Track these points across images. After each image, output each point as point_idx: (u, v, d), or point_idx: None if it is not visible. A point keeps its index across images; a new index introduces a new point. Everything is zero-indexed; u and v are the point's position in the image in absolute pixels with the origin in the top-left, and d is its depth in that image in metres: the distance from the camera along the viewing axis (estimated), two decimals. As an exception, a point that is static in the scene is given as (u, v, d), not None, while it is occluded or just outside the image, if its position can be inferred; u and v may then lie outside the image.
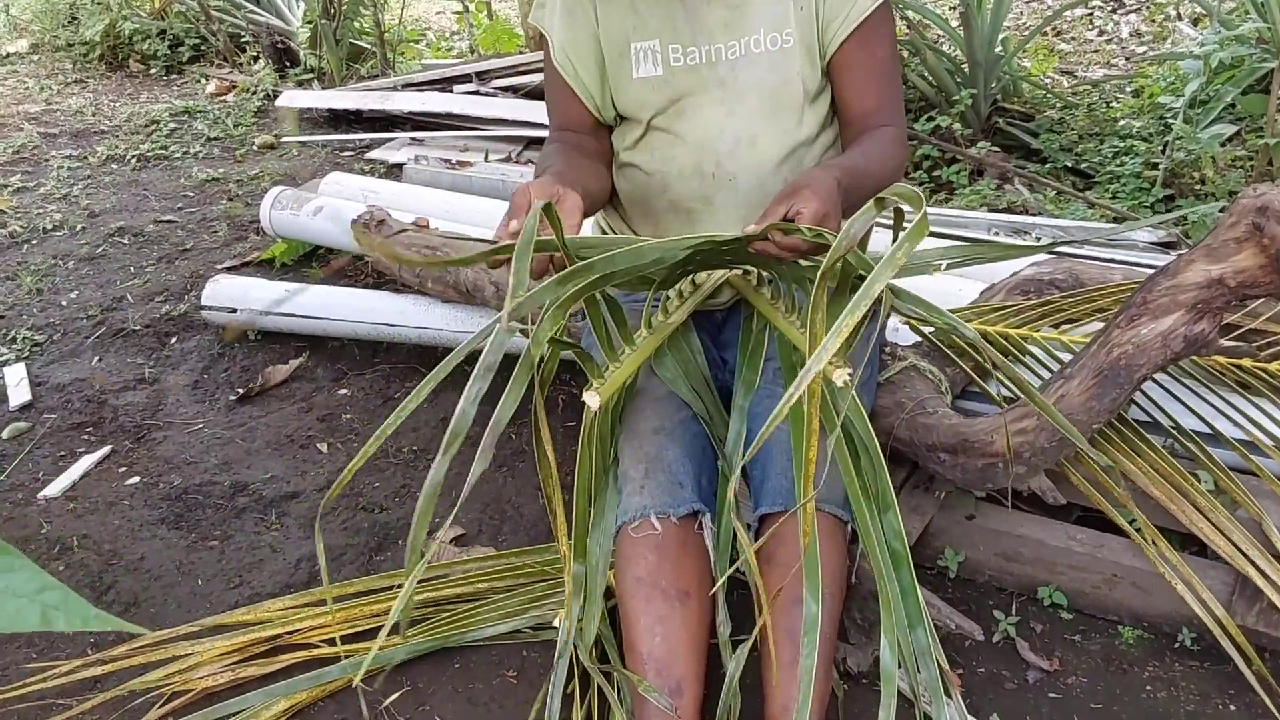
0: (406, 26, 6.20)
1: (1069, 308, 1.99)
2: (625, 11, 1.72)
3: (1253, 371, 1.88)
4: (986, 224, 2.88)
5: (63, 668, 1.79)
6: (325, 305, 2.75)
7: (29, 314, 3.13)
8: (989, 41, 3.79)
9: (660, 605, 1.51)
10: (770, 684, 1.48)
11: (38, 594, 0.61)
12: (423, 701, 1.71)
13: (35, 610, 0.61)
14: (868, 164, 1.61)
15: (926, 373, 1.90)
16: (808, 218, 1.40)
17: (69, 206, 4.00)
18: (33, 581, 0.62)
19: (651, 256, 1.41)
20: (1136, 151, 3.47)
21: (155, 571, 2.04)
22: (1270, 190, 1.49)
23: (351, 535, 2.12)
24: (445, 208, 3.14)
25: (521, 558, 1.97)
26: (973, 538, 1.85)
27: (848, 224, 1.21)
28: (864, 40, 1.68)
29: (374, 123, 4.71)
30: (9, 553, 0.62)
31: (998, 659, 1.73)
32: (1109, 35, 5.22)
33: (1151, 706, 1.63)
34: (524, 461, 2.33)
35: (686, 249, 1.44)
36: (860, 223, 1.21)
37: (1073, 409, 1.63)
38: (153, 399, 2.67)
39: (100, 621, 0.61)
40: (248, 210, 3.83)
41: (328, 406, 2.58)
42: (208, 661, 1.77)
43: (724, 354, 1.85)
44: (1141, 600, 1.74)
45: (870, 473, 1.43)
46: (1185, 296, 1.56)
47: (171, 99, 5.49)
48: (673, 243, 1.43)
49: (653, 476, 1.59)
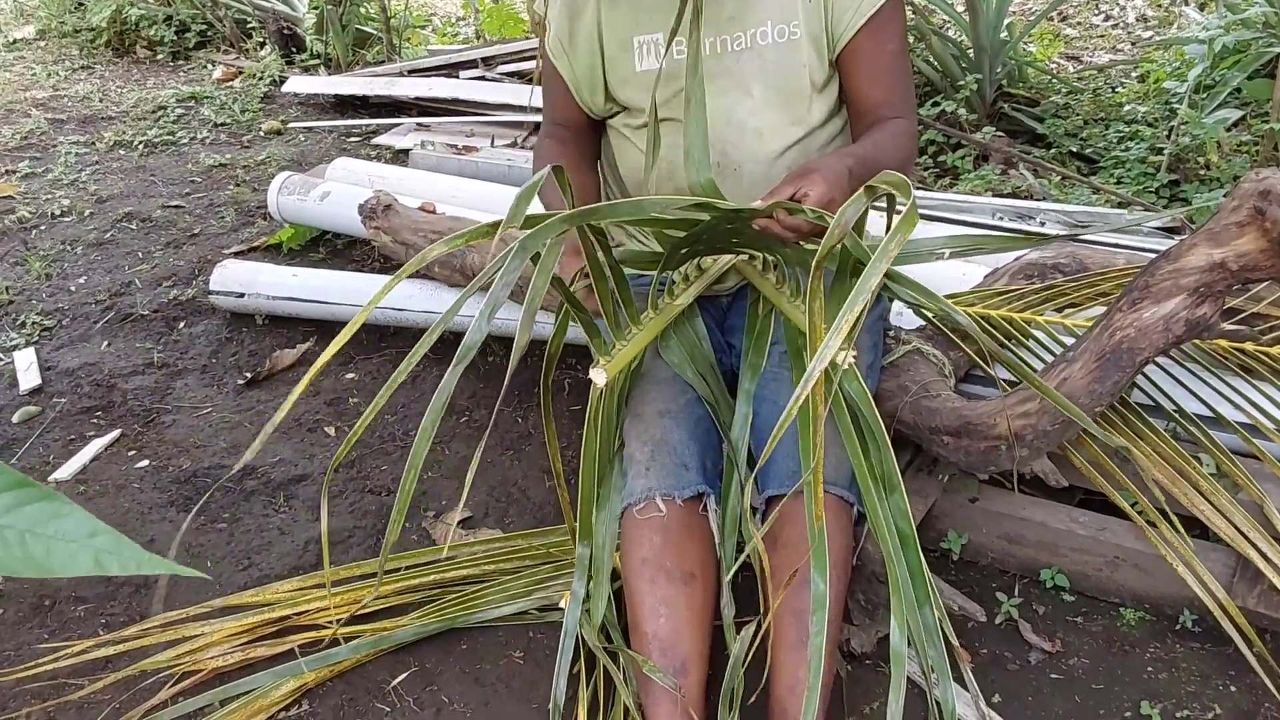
0: (412, 12, 6.20)
1: (1072, 292, 2.00)
2: (630, 5, 1.72)
3: (1255, 355, 1.89)
4: (991, 209, 2.88)
5: (74, 648, 1.81)
6: (333, 290, 2.77)
7: (38, 299, 3.15)
8: (994, 26, 3.79)
9: (665, 586, 1.53)
10: (776, 664, 1.50)
11: (90, 538, 0.63)
12: (430, 682, 1.73)
13: (88, 555, 0.62)
14: (878, 154, 1.62)
15: (930, 356, 1.91)
16: (813, 200, 1.41)
17: (77, 192, 4.01)
18: (84, 526, 0.63)
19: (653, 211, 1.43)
20: (1142, 137, 3.46)
21: (165, 553, 2.05)
22: (1272, 174, 1.49)
23: (359, 518, 2.14)
24: (452, 192, 3.15)
25: (528, 540, 1.99)
26: (975, 520, 1.86)
27: (839, 212, 1.22)
28: (875, 33, 1.69)
29: (380, 108, 4.72)
30: (58, 499, 0.64)
31: (1000, 640, 1.75)
32: (1115, 20, 5.20)
33: (1153, 687, 1.64)
34: (530, 444, 2.34)
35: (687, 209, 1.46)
36: (852, 210, 1.22)
37: (1075, 392, 1.64)
38: (162, 383, 2.68)
39: (151, 565, 0.63)
40: (255, 195, 3.84)
41: (335, 390, 2.60)
42: (217, 642, 1.79)
43: (729, 339, 1.86)
44: (1143, 582, 1.75)
45: (876, 455, 1.45)
46: (1187, 280, 1.57)
47: (178, 85, 5.49)
48: (676, 200, 1.45)
49: (658, 459, 1.61)
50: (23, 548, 0.62)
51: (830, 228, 1.20)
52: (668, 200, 1.47)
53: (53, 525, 0.63)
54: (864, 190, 1.27)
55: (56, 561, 0.62)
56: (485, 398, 2.51)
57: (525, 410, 2.46)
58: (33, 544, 0.62)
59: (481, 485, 2.22)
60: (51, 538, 0.62)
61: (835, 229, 1.20)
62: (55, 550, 0.62)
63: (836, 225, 1.20)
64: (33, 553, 0.62)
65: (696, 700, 1.49)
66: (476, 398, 2.51)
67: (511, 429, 2.40)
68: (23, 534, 0.62)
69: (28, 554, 0.62)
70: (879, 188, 1.28)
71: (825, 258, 1.22)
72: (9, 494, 0.63)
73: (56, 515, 0.63)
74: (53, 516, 0.63)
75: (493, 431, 2.40)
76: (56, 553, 0.62)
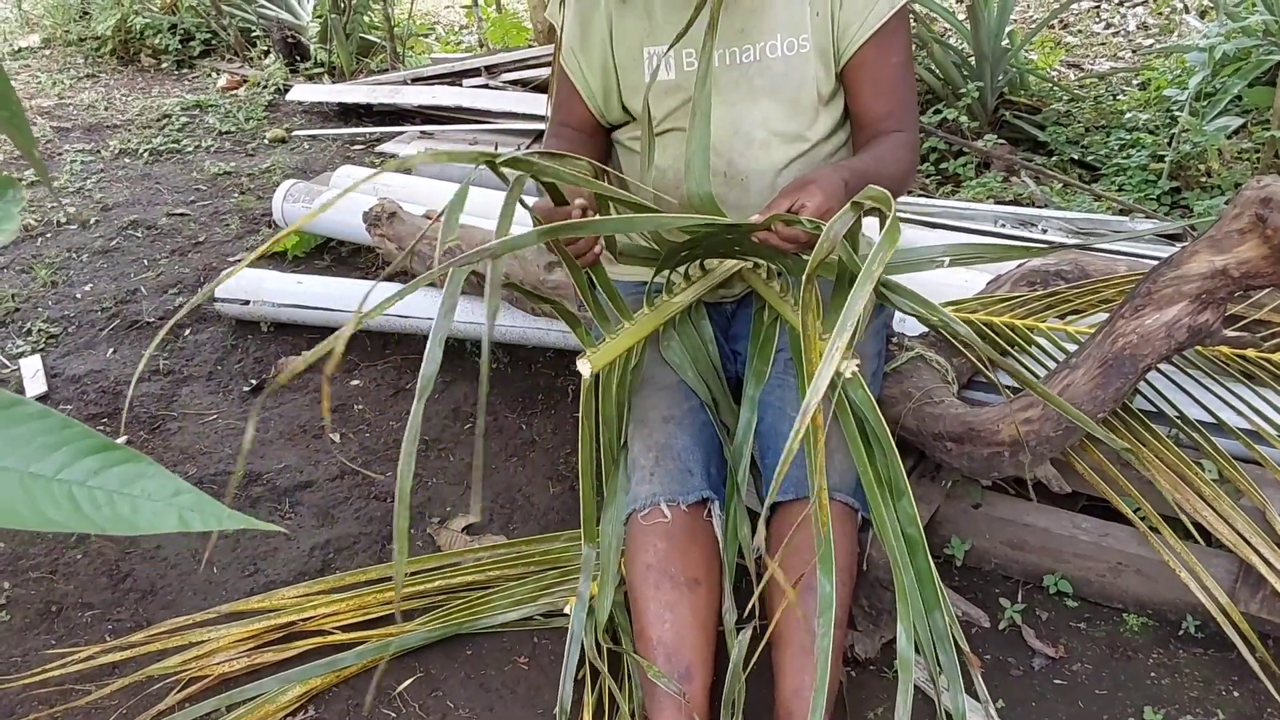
0: (416, 21, 6.22)
1: (1075, 299, 2.01)
2: (641, 17, 1.74)
3: (1257, 361, 1.90)
4: (993, 216, 2.90)
5: (82, 653, 1.82)
6: (337, 297, 2.78)
7: (44, 307, 3.16)
8: (995, 35, 3.80)
9: (669, 592, 1.53)
10: (781, 668, 1.50)
11: (173, 498, 0.65)
12: (435, 688, 1.74)
13: (172, 513, 0.65)
14: (878, 167, 1.63)
15: (933, 362, 1.92)
16: (810, 211, 1.42)
17: (82, 200, 4.02)
18: (167, 486, 0.66)
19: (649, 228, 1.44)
20: (1143, 144, 3.47)
21: (171, 559, 2.07)
22: (1273, 182, 1.50)
23: (365, 524, 2.15)
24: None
25: (532, 546, 2.00)
26: (979, 526, 1.86)
27: (828, 226, 1.23)
28: (880, 46, 1.70)
29: (384, 116, 4.73)
30: (143, 460, 0.66)
31: (1004, 646, 1.75)
32: (1116, 28, 5.22)
33: (1156, 693, 1.65)
34: (534, 451, 2.35)
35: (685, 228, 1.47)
36: (840, 224, 1.23)
37: (1078, 398, 1.64)
38: (167, 390, 2.69)
39: (232, 521, 0.65)
40: (260, 203, 3.85)
41: (340, 397, 2.60)
42: (224, 648, 1.80)
43: (734, 346, 1.87)
44: (1146, 588, 1.76)
45: (882, 461, 1.45)
46: (1189, 287, 1.58)
47: (183, 93, 5.51)
48: (672, 218, 1.46)
49: (662, 464, 1.62)
50: (112, 507, 0.65)
51: (819, 241, 1.21)
52: (663, 219, 1.47)
53: (138, 485, 0.66)
54: (850, 205, 1.27)
55: (144, 519, 0.65)
56: (489, 404, 2.52)
57: (529, 417, 2.47)
58: (120, 504, 0.65)
59: (486, 491, 2.23)
60: (138, 497, 0.65)
61: (823, 242, 1.21)
62: (141, 509, 0.65)
63: (825, 239, 1.21)
64: (120, 511, 0.65)
65: (701, 705, 1.49)
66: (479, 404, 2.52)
67: (516, 435, 2.41)
68: (111, 494, 0.65)
69: (117, 513, 0.65)
70: (865, 203, 1.29)
71: (815, 271, 1.23)
72: (95, 456, 0.66)
73: (141, 476, 0.66)
74: (138, 477, 0.66)
75: (497, 438, 2.41)
76: (143, 511, 0.65)
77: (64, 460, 0.65)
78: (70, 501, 0.64)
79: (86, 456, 0.66)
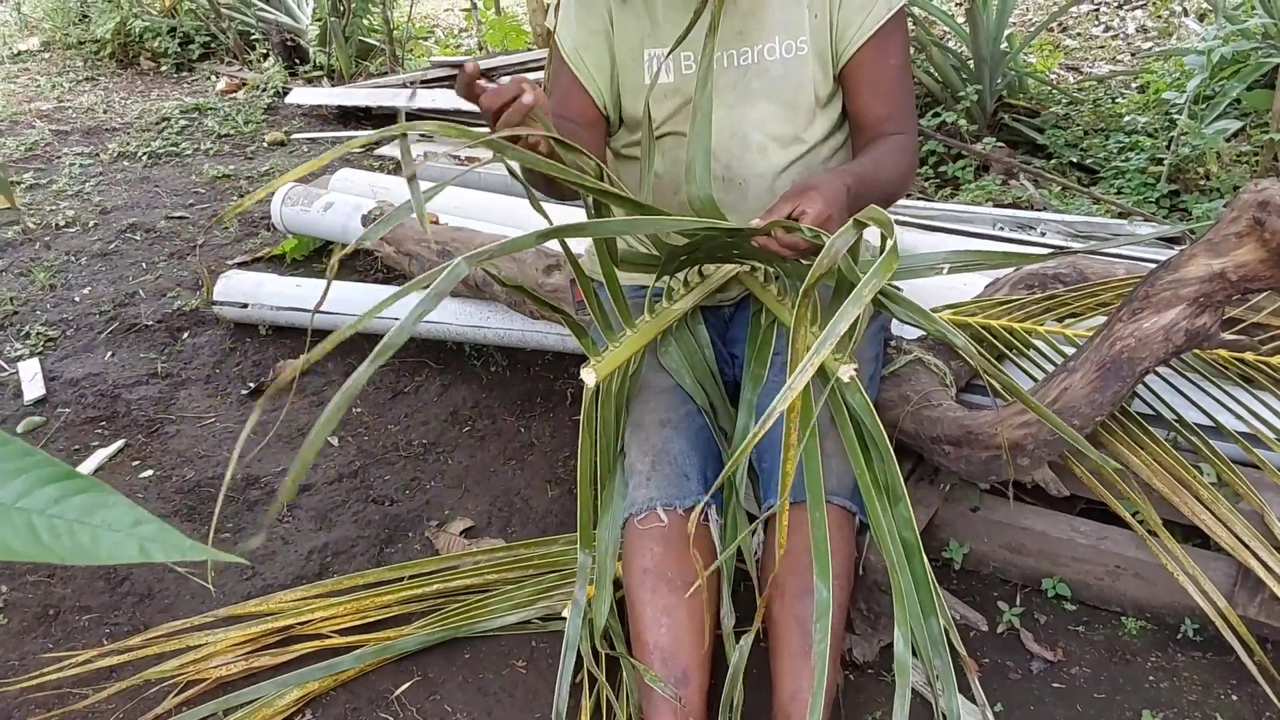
0: (415, 24, 6.22)
1: (1073, 302, 2.01)
2: (641, 19, 1.73)
3: (1255, 365, 1.90)
4: (991, 219, 2.90)
5: (79, 657, 1.81)
6: (335, 300, 2.77)
7: (43, 310, 3.16)
8: (994, 38, 3.80)
9: (666, 596, 1.53)
10: (779, 672, 1.50)
11: (134, 528, 0.65)
12: (433, 691, 1.74)
13: (133, 543, 0.65)
14: (878, 171, 1.63)
15: (931, 366, 1.92)
16: (810, 218, 1.42)
17: (81, 203, 4.03)
18: (127, 516, 0.65)
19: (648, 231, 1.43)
20: (1142, 147, 3.47)
21: (169, 564, 2.07)
22: (1271, 185, 1.50)
23: (362, 527, 2.15)
24: (454, 203, 3.16)
25: (530, 549, 1.99)
26: (977, 530, 1.86)
27: (830, 241, 1.22)
28: (878, 48, 1.70)
29: (383, 119, 4.74)
30: (103, 489, 0.66)
31: (1002, 650, 1.75)
32: (1115, 31, 5.22)
33: (1154, 696, 1.65)
34: (533, 454, 2.35)
35: (686, 231, 1.47)
36: (840, 241, 1.23)
37: (1076, 402, 1.64)
38: (165, 393, 2.69)
39: (194, 552, 0.65)
40: (258, 206, 3.85)
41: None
42: (221, 651, 1.80)
43: (732, 350, 1.87)
44: (1144, 591, 1.76)
45: (880, 465, 1.45)
46: (1187, 290, 1.58)
47: (182, 96, 5.51)
48: (674, 221, 1.46)
49: (659, 469, 1.61)
50: (71, 537, 0.64)
51: (819, 258, 1.21)
52: (666, 222, 1.47)
53: (99, 515, 0.65)
54: (852, 223, 1.27)
55: (104, 550, 0.64)
56: (488, 407, 2.52)
57: (528, 420, 2.47)
58: (80, 533, 0.64)
59: (484, 495, 2.23)
60: (98, 527, 0.65)
61: (824, 259, 1.21)
62: (102, 539, 0.64)
63: (825, 255, 1.21)
64: (80, 541, 0.64)
65: (698, 710, 1.49)
66: (479, 407, 2.52)
67: (514, 439, 2.41)
68: (71, 524, 0.65)
69: (76, 542, 0.64)
70: (866, 221, 1.29)
71: (813, 287, 1.23)
72: (56, 485, 0.66)
73: (102, 505, 0.66)
74: (98, 506, 0.65)
75: (495, 441, 2.40)
76: (103, 541, 0.64)
77: (23, 488, 0.65)
78: (30, 530, 0.64)
79: (47, 485, 0.66)
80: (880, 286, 1.13)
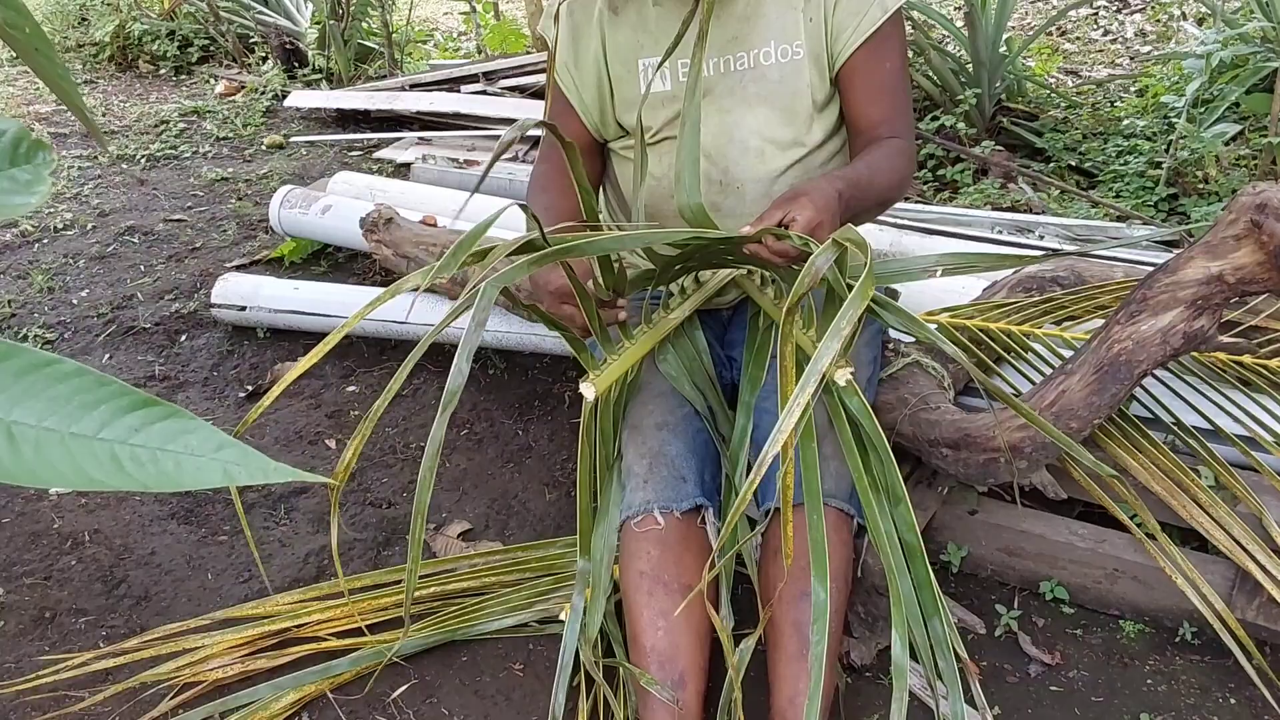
0: (414, 27, 6.23)
1: (1071, 305, 2.00)
2: (635, 29, 1.73)
3: (1253, 368, 1.90)
4: (990, 223, 2.89)
5: (75, 660, 1.81)
6: (334, 303, 2.77)
7: (40, 312, 3.16)
8: (993, 41, 3.81)
9: (663, 599, 1.53)
10: (776, 675, 1.50)
11: (217, 452, 0.64)
12: (430, 694, 1.73)
13: (217, 468, 0.63)
14: (872, 175, 1.63)
15: (929, 369, 1.91)
16: (800, 225, 1.42)
17: (79, 206, 4.02)
18: (210, 441, 0.64)
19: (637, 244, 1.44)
20: (1140, 151, 3.47)
21: (166, 566, 2.07)
22: (1269, 188, 1.50)
23: (360, 530, 2.14)
24: (453, 206, 3.16)
25: (528, 552, 1.99)
26: (975, 533, 1.86)
27: (810, 260, 1.23)
28: (873, 51, 1.70)
29: (382, 122, 4.73)
30: (183, 415, 0.65)
31: (1000, 653, 1.75)
32: (1114, 35, 5.22)
33: (1152, 700, 1.64)
34: (531, 457, 2.34)
35: (676, 242, 1.47)
36: (822, 260, 1.23)
37: (1073, 404, 1.64)
38: (163, 396, 2.68)
39: (279, 474, 0.64)
40: (256, 209, 3.85)
41: (336, 403, 2.60)
42: (218, 654, 1.79)
43: (730, 353, 1.87)
44: (1142, 594, 1.76)
45: (879, 468, 1.45)
46: (1185, 293, 1.58)
47: (181, 99, 5.51)
48: (663, 234, 1.46)
49: (656, 471, 1.61)
50: (155, 464, 0.63)
51: (800, 275, 1.21)
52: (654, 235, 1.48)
53: (181, 440, 0.64)
54: (831, 243, 1.27)
55: (187, 475, 0.63)
56: (486, 410, 2.52)
57: (525, 423, 2.46)
58: (164, 460, 0.63)
59: (481, 497, 2.22)
60: (181, 453, 0.64)
61: (804, 277, 1.21)
62: (185, 465, 0.63)
63: (806, 274, 1.21)
64: (165, 468, 0.63)
65: (695, 713, 1.49)
66: (477, 410, 2.52)
67: (512, 441, 2.40)
68: (154, 451, 0.63)
69: (160, 470, 0.63)
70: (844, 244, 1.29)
71: (796, 305, 1.23)
72: (137, 413, 0.64)
73: (184, 431, 0.64)
74: (181, 432, 0.64)
75: (493, 444, 2.40)
76: (186, 467, 0.63)
77: (104, 418, 0.64)
78: (113, 460, 0.63)
79: (127, 414, 0.64)
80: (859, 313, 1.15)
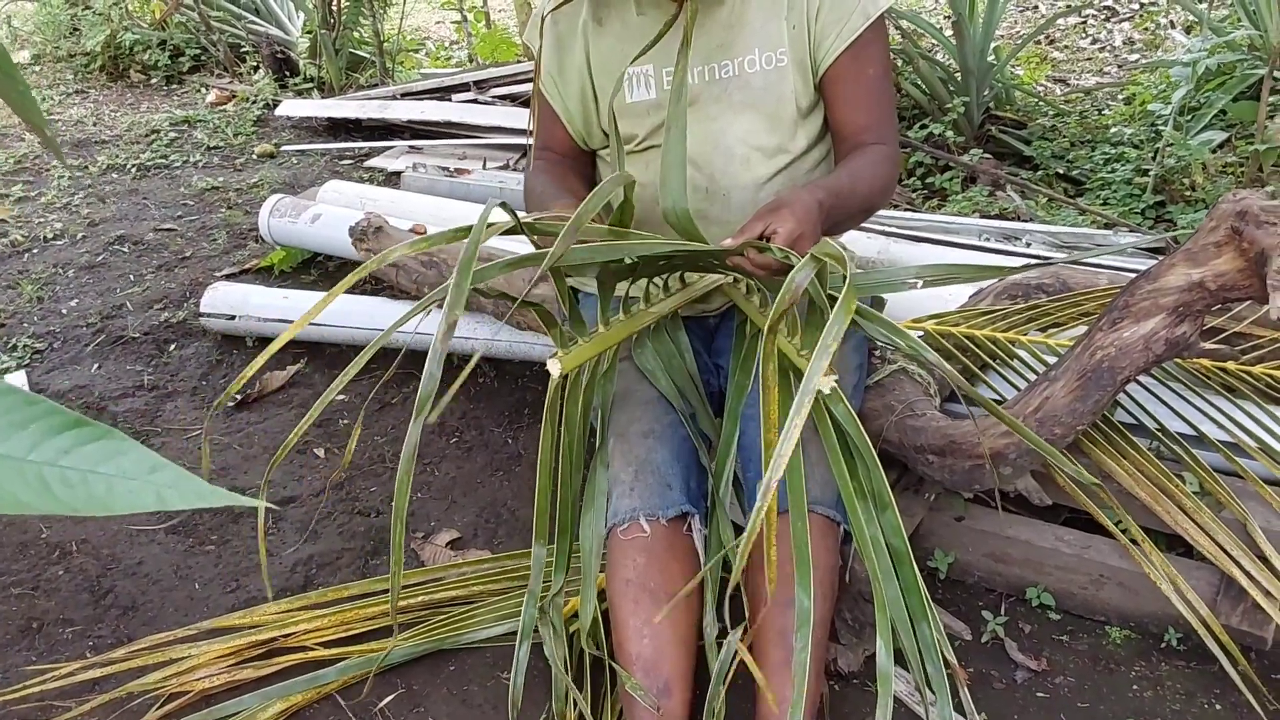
0: (405, 36, 6.23)
1: (1055, 312, 2.01)
2: (619, 38, 1.74)
3: (1237, 374, 1.90)
4: (978, 230, 2.90)
5: (62, 670, 1.81)
6: (324, 312, 2.77)
7: (30, 322, 3.15)
8: (981, 50, 3.82)
9: (649, 607, 1.53)
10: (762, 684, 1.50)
11: (150, 474, 0.62)
12: (418, 703, 1.73)
13: (150, 491, 0.61)
14: (854, 183, 1.64)
15: (915, 375, 1.92)
16: (782, 237, 1.42)
17: (70, 215, 4.02)
18: (144, 463, 0.62)
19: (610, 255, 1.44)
20: (1128, 158, 3.49)
21: (153, 576, 2.06)
22: (1249, 195, 1.51)
23: (348, 539, 2.14)
24: (444, 215, 3.16)
25: (516, 561, 1.99)
26: (961, 539, 1.87)
27: (789, 277, 1.23)
28: (856, 58, 1.71)
29: (373, 131, 4.74)
30: (117, 436, 0.62)
31: (986, 659, 1.75)
32: (1102, 43, 5.25)
33: (1138, 706, 1.65)
34: (520, 465, 2.35)
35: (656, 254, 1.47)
36: (801, 276, 1.24)
37: (1057, 410, 1.65)
38: (152, 405, 2.69)
39: (214, 498, 0.62)
40: (247, 218, 3.85)
41: (325, 412, 2.60)
42: (205, 664, 1.79)
43: (717, 360, 1.87)
44: (1128, 601, 1.76)
45: (865, 474, 1.45)
46: (1167, 300, 1.59)
47: (172, 109, 5.51)
48: (640, 245, 1.47)
49: (642, 479, 1.61)
50: (86, 487, 0.61)
51: (779, 294, 1.22)
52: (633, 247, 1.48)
53: (113, 462, 0.62)
54: (810, 257, 1.28)
55: (119, 499, 0.61)
56: (474, 418, 2.52)
57: (515, 431, 2.47)
58: (95, 483, 0.61)
59: (470, 506, 2.22)
60: (113, 476, 0.62)
61: (784, 295, 1.21)
62: (117, 488, 0.61)
63: (785, 291, 1.21)
64: (95, 491, 0.61)
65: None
66: (466, 418, 2.52)
67: (501, 450, 2.40)
68: (84, 474, 0.61)
69: (91, 493, 0.61)
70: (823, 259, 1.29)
71: (777, 323, 1.23)
72: (68, 434, 0.62)
73: (117, 453, 0.62)
74: (113, 454, 0.62)
75: (482, 452, 2.40)
76: (118, 490, 0.61)
77: (34, 439, 0.62)
78: (41, 483, 0.60)
79: (57, 434, 0.62)
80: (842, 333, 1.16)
